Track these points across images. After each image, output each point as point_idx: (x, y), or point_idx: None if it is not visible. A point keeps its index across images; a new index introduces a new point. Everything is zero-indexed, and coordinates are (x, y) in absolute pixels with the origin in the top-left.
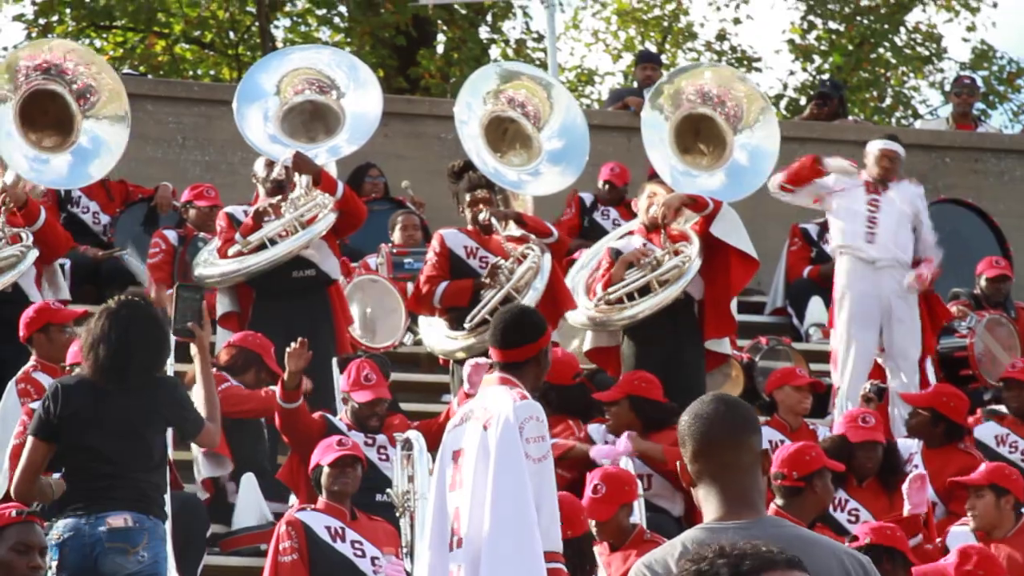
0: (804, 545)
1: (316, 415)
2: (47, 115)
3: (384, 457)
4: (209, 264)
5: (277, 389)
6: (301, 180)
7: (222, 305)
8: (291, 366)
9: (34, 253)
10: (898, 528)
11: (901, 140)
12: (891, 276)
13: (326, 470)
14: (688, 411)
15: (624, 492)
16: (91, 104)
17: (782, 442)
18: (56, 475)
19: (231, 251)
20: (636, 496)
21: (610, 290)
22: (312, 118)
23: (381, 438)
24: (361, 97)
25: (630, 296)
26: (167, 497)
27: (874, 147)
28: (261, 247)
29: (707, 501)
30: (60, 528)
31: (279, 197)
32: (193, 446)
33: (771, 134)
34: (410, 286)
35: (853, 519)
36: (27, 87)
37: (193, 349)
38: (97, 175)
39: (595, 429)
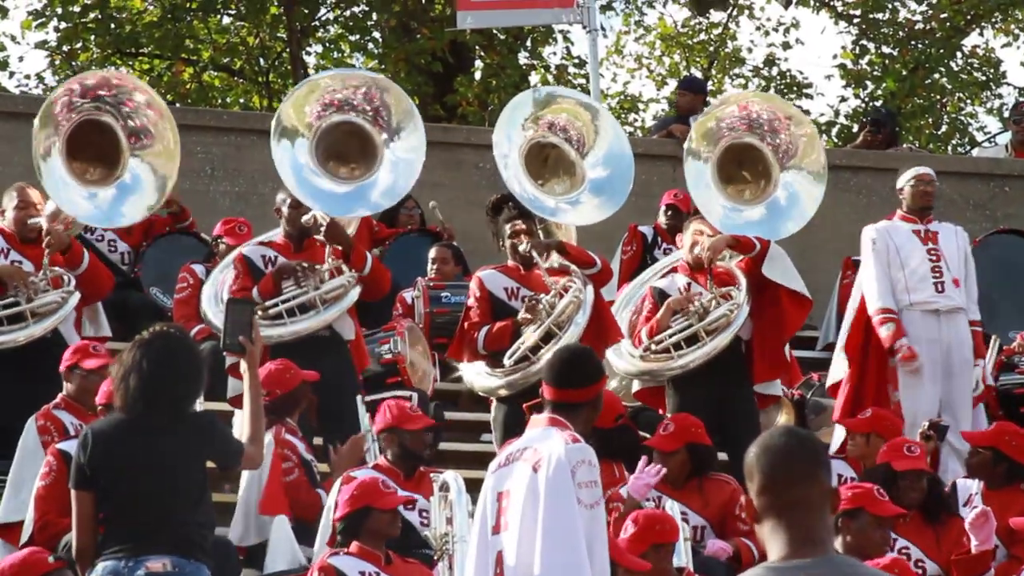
0: None
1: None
2: (92, 146)
3: (425, 522)
4: (219, 312)
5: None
6: (329, 249)
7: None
8: (336, 472)
9: (76, 298)
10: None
11: (958, 168)
12: (953, 323)
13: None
14: (756, 443)
15: (656, 532)
16: (142, 145)
17: (852, 478)
18: None
19: None
20: (672, 537)
21: (656, 339)
22: (348, 137)
23: (423, 502)
24: (408, 147)
25: (676, 345)
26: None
27: (906, 176)
28: (278, 316)
29: (772, 539)
30: (100, 571)
31: (305, 265)
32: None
33: (814, 194)
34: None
35: (905, 558)
36: (76, 117)
37: (243, 365)
38: (129, 219)
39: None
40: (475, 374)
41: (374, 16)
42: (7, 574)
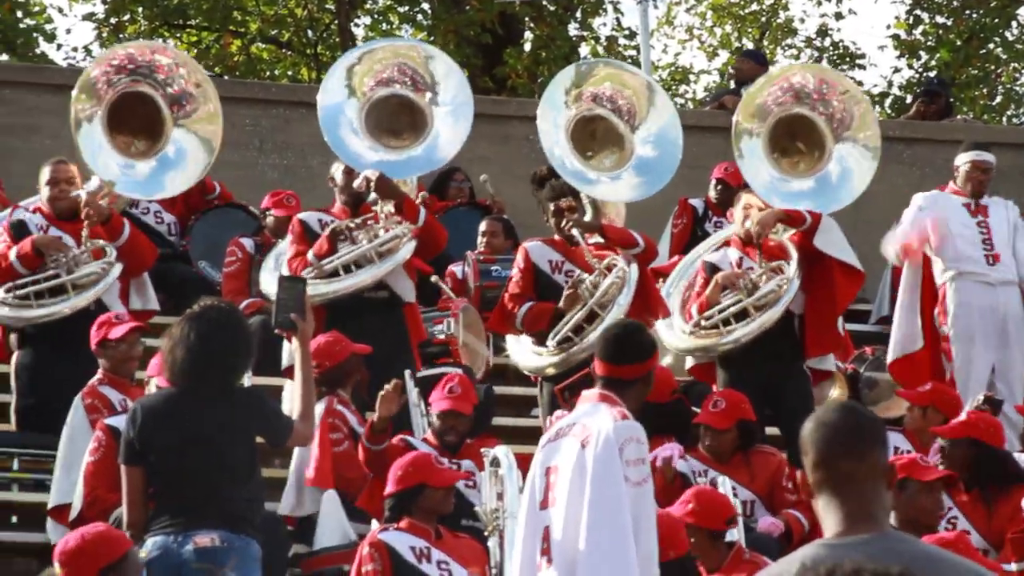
0: (932, 563)
1: (396, 440)
2: (136, 118)
3: (471, 484)
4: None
5: (364, 430)
6: (383, 206)
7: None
8: (383, 411)
9: (118, 268)
10: None
11: (1013, 139)
12: (1008, 295)
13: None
14: (812, 418)
15: (715, 510)
16: (185, 113)
17: (909, 451)
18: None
19: (304, 271)
20: (730, 511)
21: (705, 314)
22: (398, 111)
23: (467, 463)
24: (454, 106)
25: (726, 321)
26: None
27: (964, 159)
28: (334, 273)
29: (827, 514)
30: (149, 546)
31: (358, 220)
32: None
33: (867, 168)
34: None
35: (951, 526)
36: (114, 92)
37: (294, 342)
38: (172, 190)
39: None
40: (521, 351)
41: None
42: (84, 549)
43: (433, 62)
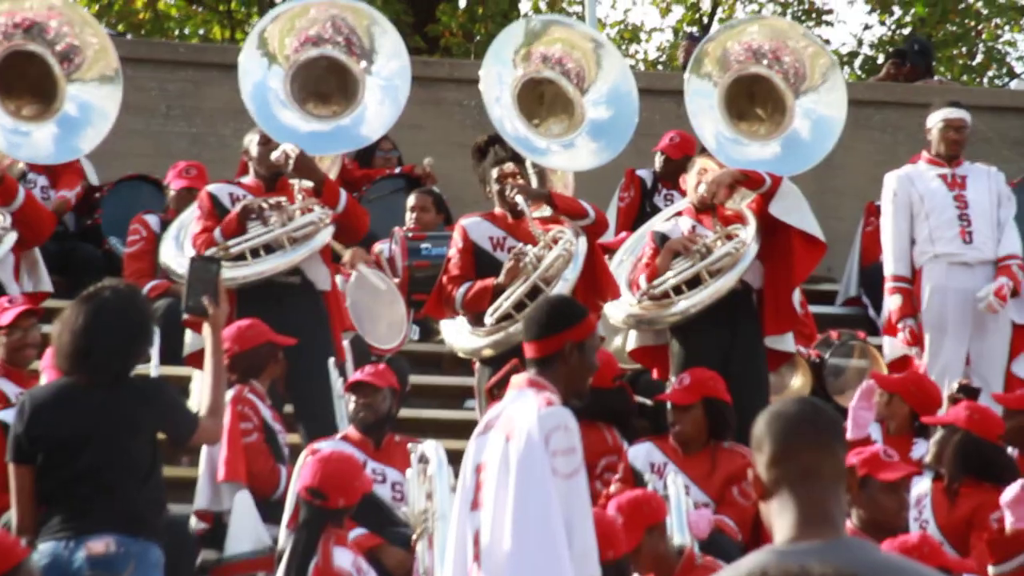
0: (890, 572)
1: (306, 450)
2: (25, 79)
3: (398, 496)
4: (178, 257)
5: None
6: (299, 185)
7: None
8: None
9: (12, 237)
10: None
11: (994, 102)
12: (986, 276)
13: None
14: (767, 411)
15: (643, 514)
16: (75, 67)
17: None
18: None
19: (208, 251)
20: (660, 516)
21: (655, 283)
22: (327, 73)
23: (393, 473)
24: (387, 84)
25: (677, 289)
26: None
27: (936, 118)
28: (241, 256)
29: (781, 516)
30: (39, 554)
31: (272, 200)
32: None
33: (837, 100)
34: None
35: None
36: (4, 48)
37: (205, 329)
38: (87, 147)
39: (639, 452)
40: (456, 333)
41: None
42: None
43: (378, 32)
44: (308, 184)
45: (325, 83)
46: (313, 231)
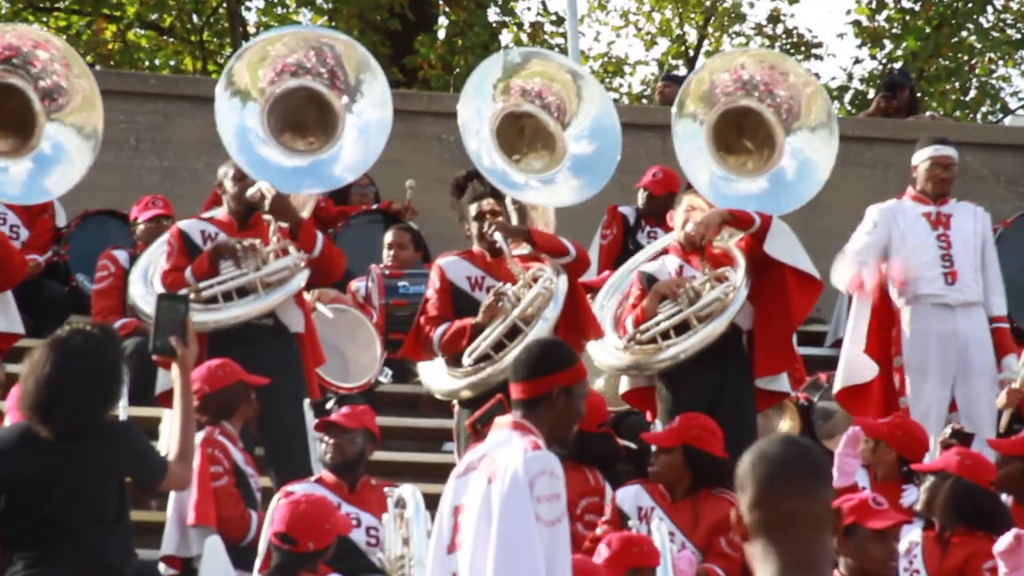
0: None
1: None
2: (3, 112)
3: (373, 542)
4: (146, 295)
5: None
6: (275, 226)
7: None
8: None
9: None
10: None
11: (988, 139)
12: (969, 318)
13: None
14: (751, 451)
15: (632, 555)
16: (58, 106)
17: (864, 489)
18: None
19: (179, 292)
20: (651, 562)
21: (642, 327)
22: (306, 105)
23: (368, 517)
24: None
25: (665, 335)
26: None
27: (922, 156)
28: (212, 300)
29: (764, 561)
30: None
31: (247, 242)
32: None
33: (827, 151)
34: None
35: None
36: None
37: (174, 370)
38: (56, 191)
39: (627, 494)
40: (433, 374)
41: None
42: None
43: (368, 77)
44: (284, 224)
45: (303, 114)
46: (288, 276)
